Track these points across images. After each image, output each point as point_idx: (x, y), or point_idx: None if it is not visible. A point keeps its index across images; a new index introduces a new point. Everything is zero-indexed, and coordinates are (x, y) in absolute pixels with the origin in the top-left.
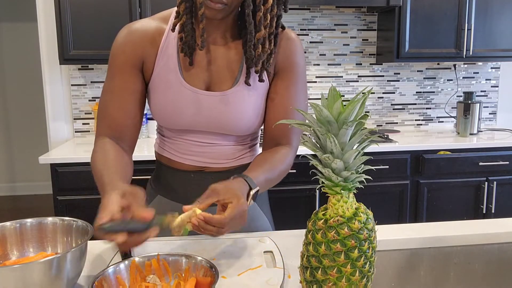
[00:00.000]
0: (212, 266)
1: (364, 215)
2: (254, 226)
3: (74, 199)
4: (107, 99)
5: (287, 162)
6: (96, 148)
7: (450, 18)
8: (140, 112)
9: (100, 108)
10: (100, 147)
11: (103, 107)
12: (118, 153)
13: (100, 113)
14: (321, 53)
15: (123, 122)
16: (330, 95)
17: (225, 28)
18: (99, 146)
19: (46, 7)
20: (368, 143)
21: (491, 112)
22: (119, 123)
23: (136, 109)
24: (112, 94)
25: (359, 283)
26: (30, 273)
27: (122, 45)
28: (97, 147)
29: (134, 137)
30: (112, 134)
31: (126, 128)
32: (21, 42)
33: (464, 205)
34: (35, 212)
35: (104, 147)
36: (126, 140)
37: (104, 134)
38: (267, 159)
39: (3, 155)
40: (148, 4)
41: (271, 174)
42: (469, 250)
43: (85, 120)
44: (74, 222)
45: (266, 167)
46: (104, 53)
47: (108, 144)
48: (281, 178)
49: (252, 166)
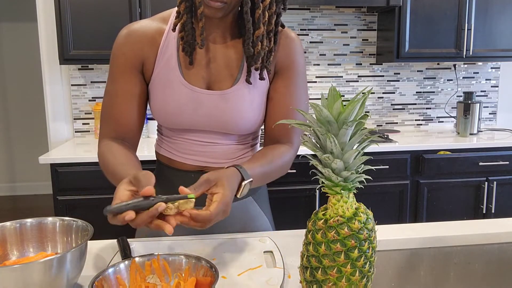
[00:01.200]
0: (212, 266)
1: (364, 215)
2: (254, 226)
3: (74, 199)
4: (111, 101)
5: (285, 158)
6: (102, 148)
7: (450, 18)
8: (143, 114)
9: (104, 111)
10: (107, 148)
11: (107, 110)
12: (127, 150)
13: (104, 115)
14: (321, 53)
15: (127, 124)
16: (330, 95)
17: (225, 27)
18: (106, 148)
19: (46, 7)
20: (368, 143)
21: (491, 112)
22: (123, 125)
23: (139, 111)
24: (115, 96)
25: (359, 283)
26: (30, 273)
27: (122, 46)
28: (103, 147)
29: (137, 138)
30: (116, 135)
31: (130, 130)
32: (21, 42)
33: (464, 205)
34: (35, 212)
35: (112, 148)
36: (130, 141)
37: (108, 136)
38: (266, 153)
39: (3, 155)
40: (148, 4)
41: (268, 168)
42: (469, 250)
43: (85, 120)
44: (74, 222)
45: (263, 161)
46: (104, 53)
47: (115, 145)
48: (280, 174)
49: (249, 159)
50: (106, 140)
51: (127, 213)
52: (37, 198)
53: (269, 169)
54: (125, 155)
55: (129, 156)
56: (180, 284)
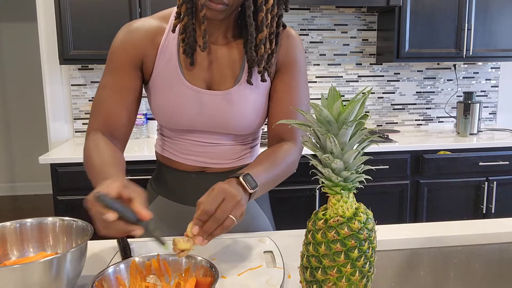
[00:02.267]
0: (212, 266)
1: (364, 215)
2: (255, 226)
3: (74, 199)
4: (104, 94)
5: (291, 157)
6: (90, 143)
7: (450, 18)
8: (135, 111)
9: (96, 103)
10: (94, 142)
11: (99, 102)
12: (114, 149)
13: (95, 107)
14: (321, 53)
15: (118, 119)
16: (330, 95)
17: (225, 28)
18: (93, 141)
19: (46, 7)
20: (368, 143)
21: (491, 112)
22: (115, 119)
23: (132, 106)
24: (110, 90)
25: (359, 283)
26: (30, 273)
27: (123, 43)
28: (91, 142)
29: (126, 136)
30: (106, 130)
31: (120, 126)
32: (21, 42)
33: (464, 205)
34: (35, 212)
35: (99, 142)
36: (119, 137)
37: (98, 129)
38: (269, 156)
39: (3, 155)
40: (148, 4)
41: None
42: (469, 250)
43: (85, 120)
44: (74, 222)
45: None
46: (104, 53)
47: (103, 140)
48: (288, 174)
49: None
50: (94, 135)
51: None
52: (37, 198)
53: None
54: (112, 155)
55: (116, 157)
56: (180, 284)
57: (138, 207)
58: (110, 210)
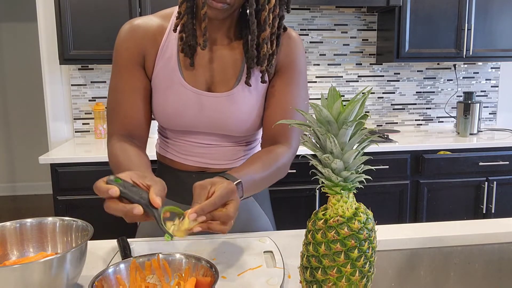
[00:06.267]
0: (212, 266)
1: (364, 215)
2: (256, 226)
3: (74, 199)
4: (118, 97)
5: (283, 161)
6: (115, 150)
7: (450, 18)
8: (149, 109)
9: (111, 107)
10: (120, 149)
11: (114, 106)
12: (139, 151)
13: (112, 112)
14: (321, 53)
15: (136, 119)
16: (330, 95)
17: (226, 28)
18: (119, 148)
19: (46, 7)
20: (368, 143)
21: (491, 112)
22: (133, 121)
23: (146, 105)
24: (122, 92)
25: (359, 283)
26: (30, 273)
27: (125, 41)
28: (117, 149)
29: (145, 134)
30: (126, 132)
31: (139, 125)
32: (21, 42)
33: (464, 205)
34: (35, 212)
35: (124, 147)
36: (139, 137)
37: (118, 133)
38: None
39: (3, 155)
40: (148, 4)
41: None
42: (469, 250)
43: (85, 120)
44: (74, 222)
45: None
46: (104, 53)
47: (126, 144)
48: (278, 177)
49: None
50: (116, 139)
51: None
52: (37, 198)
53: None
54: (138, 157)
55: (142, 158)
56: (180, 284)
57: (151, 194)
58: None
